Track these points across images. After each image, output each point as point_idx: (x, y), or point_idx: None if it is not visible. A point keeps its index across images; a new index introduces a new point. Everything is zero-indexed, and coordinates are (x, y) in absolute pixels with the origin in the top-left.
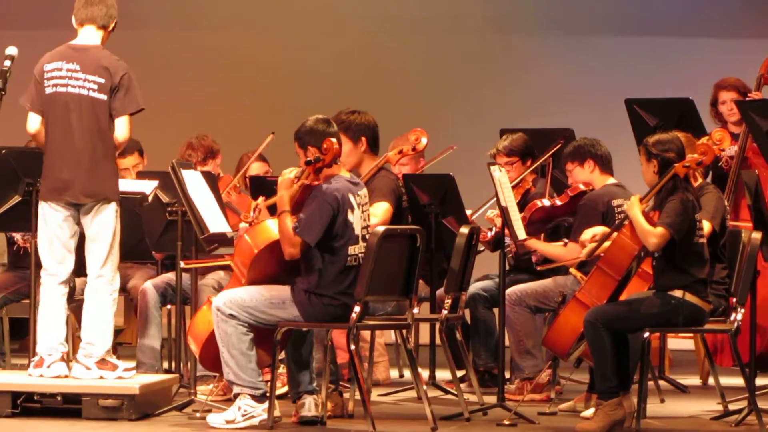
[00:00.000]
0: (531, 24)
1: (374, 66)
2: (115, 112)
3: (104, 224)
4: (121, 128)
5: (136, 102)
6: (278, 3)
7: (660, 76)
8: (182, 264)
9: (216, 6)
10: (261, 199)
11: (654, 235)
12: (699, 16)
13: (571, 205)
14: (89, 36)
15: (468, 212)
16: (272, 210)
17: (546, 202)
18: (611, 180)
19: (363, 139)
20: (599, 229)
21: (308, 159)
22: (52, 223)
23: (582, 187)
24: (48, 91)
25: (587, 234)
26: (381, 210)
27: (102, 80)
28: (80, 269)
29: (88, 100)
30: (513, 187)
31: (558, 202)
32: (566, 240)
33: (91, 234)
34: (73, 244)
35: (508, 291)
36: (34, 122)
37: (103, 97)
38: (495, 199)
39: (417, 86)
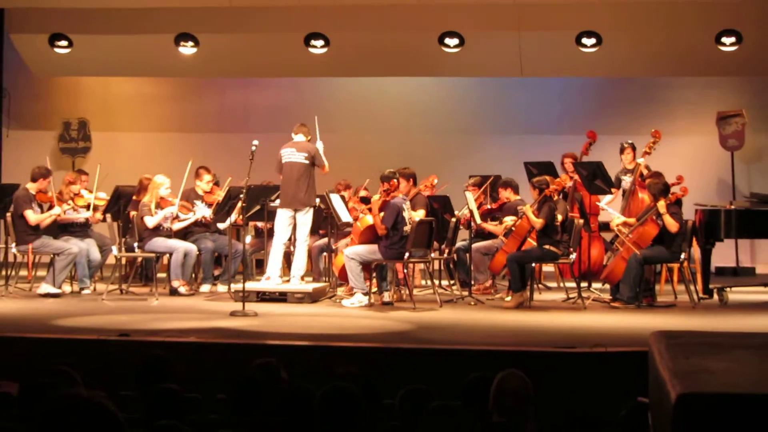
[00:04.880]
0: (486, 127)
1: (413, 149)
2: (318, 168)
3: (309, 217)
4: (324, 170)
5: (322, 164)
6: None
7: (540, 152)
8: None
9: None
10: (365, 208)
11: (539, 223)
12: (558, 120)
13: (500, 208)
14: (300, 137)
15: (456, 212)
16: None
17: (489, 207)
18: (518, 197)
19: (412, 180)
20: (511, 218)
21: (384, 189)
22: (282, 217)
23: (506, 200)
24: (284, 160)
25: (508, 219)
26: (422, 213)
27: (306, 154)
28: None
29: (300, 164)
30: (475, 200)
31: (494, 207)
32: (497, 223)
33: (302, 221)
34: (291, 229)
35: (473, 246)
36: (279, 176)
37: (307, 162)
38: (466, 206)
39: (432, 157)
